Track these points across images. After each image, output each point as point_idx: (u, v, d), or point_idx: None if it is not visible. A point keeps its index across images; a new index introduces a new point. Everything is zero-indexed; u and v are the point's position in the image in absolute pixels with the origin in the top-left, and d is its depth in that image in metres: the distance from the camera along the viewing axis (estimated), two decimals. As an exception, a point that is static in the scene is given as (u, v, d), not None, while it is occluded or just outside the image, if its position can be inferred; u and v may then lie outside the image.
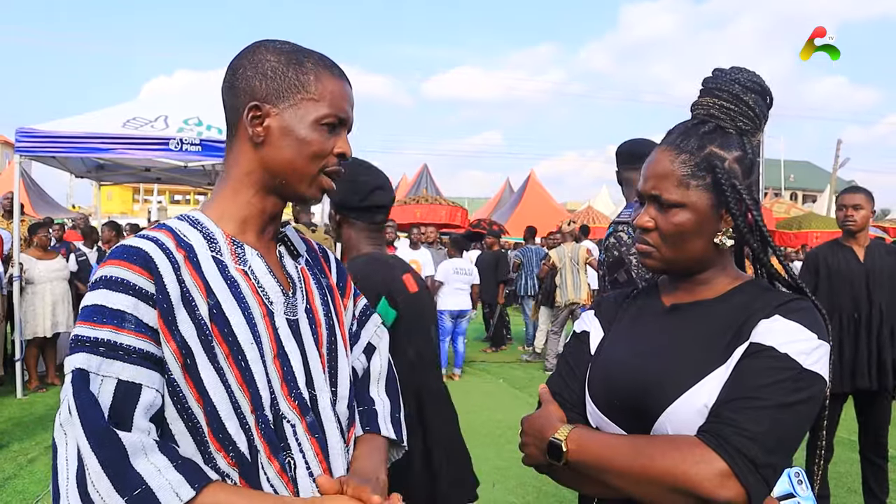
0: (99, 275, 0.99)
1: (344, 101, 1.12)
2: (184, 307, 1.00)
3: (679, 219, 1.15)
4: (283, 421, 1.06)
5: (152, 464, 0.89)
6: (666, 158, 1.17)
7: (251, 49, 1.12)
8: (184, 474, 0.90)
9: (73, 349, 0.94)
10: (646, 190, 1.19)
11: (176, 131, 6.32)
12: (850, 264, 3.58)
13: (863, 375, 3.51)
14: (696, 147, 1.15)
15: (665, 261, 1.19)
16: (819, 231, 14.34)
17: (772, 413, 1.01)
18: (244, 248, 1.11)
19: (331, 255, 1.34)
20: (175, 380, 0.98)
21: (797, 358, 1.04)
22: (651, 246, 1.19)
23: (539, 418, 1.22)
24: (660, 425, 1.11)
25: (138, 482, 0.87)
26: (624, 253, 2.46)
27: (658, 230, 1.17)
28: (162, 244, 1.03)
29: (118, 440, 0.88)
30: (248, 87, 1.09)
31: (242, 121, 1.09)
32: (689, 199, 1.14)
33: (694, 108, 1.21)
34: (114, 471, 0.87)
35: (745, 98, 1.17)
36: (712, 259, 1.19)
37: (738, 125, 1.17)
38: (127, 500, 0.86)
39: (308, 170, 1.10)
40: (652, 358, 1.16)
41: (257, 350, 1.05)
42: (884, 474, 3.67)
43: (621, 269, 2.47)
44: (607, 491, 1.12)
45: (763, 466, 0.99)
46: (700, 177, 1.14)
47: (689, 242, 1.16)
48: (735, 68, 1.21)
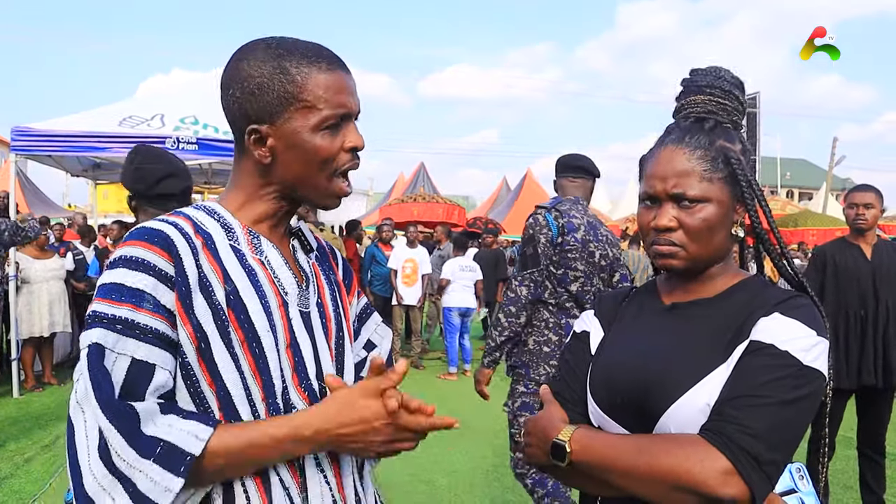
0: (118, 254, 0.99)
1: (341, 93, 1.07)
2: (201, 292, 1.01)
3: (706, 214, 1.15)
4: (292, 410, 1.06)
5: (162, 424, 0.92)
6: (682, 156, 1.16)
7: (234, 64, 1.07)
8: (194, 420, 0.94)
9: (91, 324, 0.95)
10: (665, 189, 1.17)
11: (172, 130, 6.31)
12: (857, 262, 3.59)
13: (869, 373, 3.53)
14: (707, 143, 1.16)
15: (692, 258, 1.17)
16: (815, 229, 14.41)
17: (773, 410, 1.01)
18: (260, 238, 1.12)
19: (337, 252, 1.35)
20: (189, 363, 0.99)
21: (797, 355, 1.04)
22: (676, 245, 1.17)
23: (542, 419, 1.23)
24: (662, 424, 1.11)
25: (155, 442, 0.90)
26: (536, 232, 2.91)
27: (682, 228, 1.16)
28: (181, 228, 1.04)
29: (132, 409, 0.91)
30: (240, 110, 1.06)
31: (246, 142, 1.07)
32: (713, 193, 1.15)
33: (686, 107, 1.23)
34: (134, 438, 0.89)
35: (735, 93, 1.20)
36: (727, 251, 1.21)
37: (734, 119, 1.20)
38: (154, 461, 0.89)
39: (320, 177, 1.09)
40: (653, 357, 1.16)
41: (272, 338, 1.05)
42: (881, 471, 3.69)
43: (531, 244, 2.90)
44: (611, 490, 1.12)
45: (766, 463, 1.00)
46: (720, 170, 1.16)
47: (715, 236, 1.17)
48: (713, 67, 1.23)
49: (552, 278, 2.95)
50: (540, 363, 2.96)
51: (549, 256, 2.92)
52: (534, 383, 2.97)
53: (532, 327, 3.01)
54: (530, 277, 2.91)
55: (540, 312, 3.01)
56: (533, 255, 2.90)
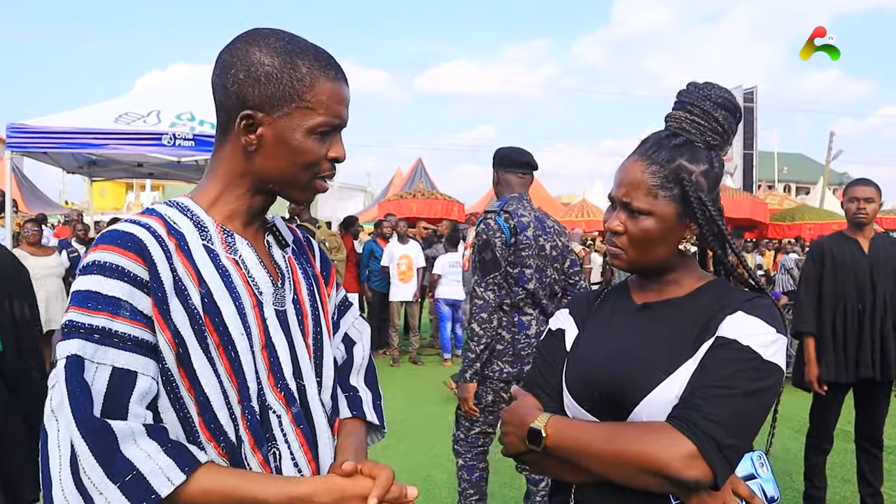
0: (91, 259, 0.97)
1: (339, 104, 1.09)
2: (176, 296, 1.00)
3: (646, 225, 1.23)
4: (269, 412, 1.06)
5: (142, 449, 0.89)
6: (638, 168, 1.24)
7: (244, 46, 1.05)
8: (174, 458, 0.90)
9: (68, 335, 0.94)
10: (617, 196, 1.26)
11: (168, 126, 6.30)
12: (854, 255, 3.59)
13: (867, 366, 3.53)
14: (666, 159, 1.22)
15: (631, 262, 1.28)
16: (812, 223, 14.42)
17: (735, 400, 1.09)
18: (234, 237, 1.10)
19: (314, 243, 1.34)
20: (169, 369, 0.98)
21: (758, 350, 1.12)
22: (619, 248, 1.27)
23: (518, 408, 1.29)
24: (635, 417, 1.18)
25: (128, 468, 0.87)
26: (491, 236, 2.97)
27: (626, 234, 1.25)
28: (154, 231, 1.02)
29: (108, 428, 0.88)
30: (240, 93, 1.04)
31: (234, 126, 1.06)
32: (656, 207, 1.22)
33: (667, 120, 1.29)
34: (105, 458, 0.87)
35: (716, 114, 1.24)
36: (677, 262, 1.28)
37: (707, 140, 1.25)
38: (119, 486, 0.87)
39: (301, 178, 1.09)
40: (625, 354, 1.23)
41: (247, 341, 1.04)
42: (879, 464, 3.70)
43: (488, 249, 2.97)
44: (585, 476, 1.18)
45: (727, 448, 1.07)
46: (668, 188, 1.22)
47: (655, 247, 1.25)
48: (708, 84, 1.27)
49: (509, 278, 3.05)
50: (494, 360, 3.05)
51: (505, 258, 3.00)
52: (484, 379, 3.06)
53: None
54: (493, 282, 2.99)
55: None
56: (492, 259, 2.97)
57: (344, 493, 0.97)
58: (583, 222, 14.71)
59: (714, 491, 1.10)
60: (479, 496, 3.22)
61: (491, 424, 3.14)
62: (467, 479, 3.20)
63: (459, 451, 3.22)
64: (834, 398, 3.67)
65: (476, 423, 3.13)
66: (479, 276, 3.00)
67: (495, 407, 3.07)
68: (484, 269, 2.99)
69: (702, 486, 1.07)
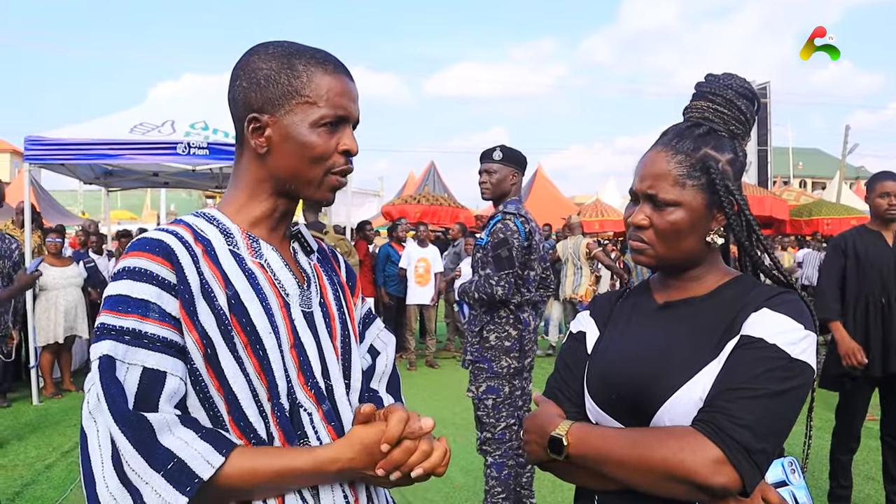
0: (122, 265, 1.01)
1: (342, 96, 1.11)
2: (203, 298, 1.02)
3: (674, 217, 1.19)
4: (300, 409, 1.08)
5: (179, 437, 0.93)
6: (662, 159, 1.20)
7: (244, 58, 1.12)
8: (210, 442, 0.94)
9: (99, 337, 0.97)
10: (641, 189, 1.22)
11: (183, 135, 6.34)
12: (878, 248, 3.56)
13: (894, 360, 3.48)
14: (691, 148, 1.19)
15: (658, 258, 1.23)
16: (830, 218, 14.23)
17: (763, 402, 1.04)
18: (259, 242, 1.13)
19: (339, 255, 1.37)
20: (197, 369, 1.00)
21: (786, 348, 1.07)
22: (645, 243, 1.23)
23: (539, 416, 1.26)
24: (658, 420, 1.14)
25: (169, 456, 0.91)
26: (509, 236, 3.10)
27: (653, 228, 1.21)
28: (181, 237, 1.06)
29: (145, 420, 0.92)
30: (244, 99, 1.10)
31: (245, 133, 1.10)
32: (684, 198, 1.18)
33: (688, 111, 1.27)
34: (146, 449, 0.90)
35: (738, 103, 1.22)
36: (702, 256, 1.24)
37: (731, 129, 1.23)
38: (163, 475, 0.90)
39: (313, 173, 1.11)
40: (648, 355, 1.20)
41: (275, 339, 1.06)
42: (906, 461, 3.64)
43: (505, 247, 3.09)
44: (608, 484, 1.15)
45: (756, 453, 1.02)
46: (695, 177, 1.18)
47: (683, 240, 1.20)
48: (727, 74, 1.26)
49: (518, 279, 3.19)
50: (502, 356, 3.21)
51: (518, 259, 3.14)
52: (496, 375, 3.22)
53: (493, 324, 3.23)
54: (506, 279, 3.10)
55: (499, 310, 3.24)
56: (508, 257, 3.09)
57: (364, 444, 1.02)
58: (597, 222, 14.64)
59: (743, 498, 1.05)
60: (506, 494, 3.23)
61: (512, 416, 3.23)
62: (496, 476, 3.22)
63: (488, 450, 3.26)
64: (860, 396, 3.62)
65: (500, 419, 3.21)
66: (493, 269, 3.10)
67: (512, 398, 3.21)
68: (499, 264, 3.09)
69: (730, 494, 1.03)
